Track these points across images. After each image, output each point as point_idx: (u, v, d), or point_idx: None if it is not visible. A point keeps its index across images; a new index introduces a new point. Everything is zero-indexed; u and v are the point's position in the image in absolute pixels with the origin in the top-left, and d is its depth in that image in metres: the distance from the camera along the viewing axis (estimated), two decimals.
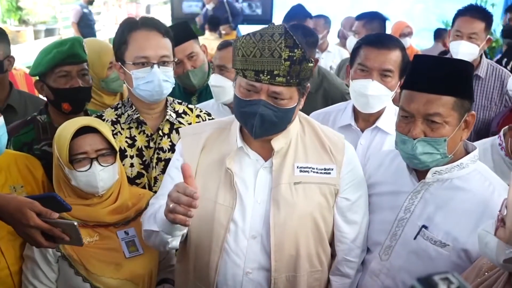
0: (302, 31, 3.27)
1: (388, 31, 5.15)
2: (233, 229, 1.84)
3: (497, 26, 7.65)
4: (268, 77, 1.69)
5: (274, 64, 1.68)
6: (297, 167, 1.86)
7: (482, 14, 3.33)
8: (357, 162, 1.98)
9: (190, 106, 2.45)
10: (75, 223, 1.69)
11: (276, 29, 1.69)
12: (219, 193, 1.85)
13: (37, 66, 2.43)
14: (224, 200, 1.84)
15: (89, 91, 2.47)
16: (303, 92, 1.80)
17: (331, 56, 5.24)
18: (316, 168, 1.87)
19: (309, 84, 1.82)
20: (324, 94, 3.26)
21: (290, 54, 1.67)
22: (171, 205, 1.58)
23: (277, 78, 1.69)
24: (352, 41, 4.26)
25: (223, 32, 8.28)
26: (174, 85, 2.32)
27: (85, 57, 2.44)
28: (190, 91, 3.21)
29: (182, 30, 3.10)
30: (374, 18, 4.30)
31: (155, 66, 2.20)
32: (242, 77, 1.75)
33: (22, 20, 11.89)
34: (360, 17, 4.42)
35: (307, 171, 1.86)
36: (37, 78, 2.46)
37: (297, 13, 4.98)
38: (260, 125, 1.75)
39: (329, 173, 1.87)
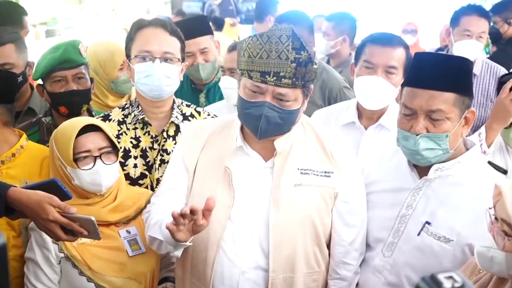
0: (301, 16, 3.27)
1: (388, 28, 5.12)
2: (230, 228, 1.85)
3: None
4: (274, 78, 1.71)
5: (281, 66, 1.70)
6: (298, 169, 1.86)
7: (487, 14, 3.38)
8: (357, 166, 1.98)
9: (198, 109, 2.43)
10: (93, 218, 1.71)
11: (283, 31, 1.70)
12: (218, 191, 1.85)
13: (36, 71, 2.48)
14: (222, 198, 1.84)
15: (86, 94, 2.46)
16: (307, 93, 1.81)
17: None
18: (317, 171, 1.87)
19: (312, 86, 1.84)
20: (322, 85, 3.27)
21: (297, 56, 1.69)
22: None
23: (283, 79, 1.71)
24: (322, 43, 4.11)
25: (230, 22, 8.25)
26: (178, 84, 2.32)
27: (80, 61, 2.44)
28: (199, 88, 3.24)
29: (200, 24, 3.17)
30: (344, 19, 4.23)
31: (157, 60, 2.20)
32: (247, 78, 1.76)
33: None
34: (330, 19, 4.30)
35: (308, 173, 1.87)
36: (39, 82, 2.51)
37: (266, 6, 4.99)
38: (265, 126, 1.76)
39: (329, 176, 1.88)
